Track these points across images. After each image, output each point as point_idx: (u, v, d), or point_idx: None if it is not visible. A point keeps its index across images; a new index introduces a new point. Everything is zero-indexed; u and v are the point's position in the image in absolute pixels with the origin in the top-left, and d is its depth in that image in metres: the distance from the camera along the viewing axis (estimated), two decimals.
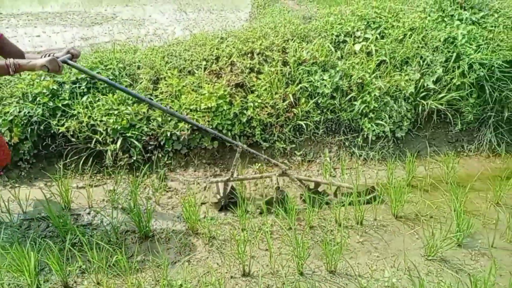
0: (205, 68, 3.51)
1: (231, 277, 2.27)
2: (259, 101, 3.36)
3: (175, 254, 2.43)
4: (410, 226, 2.67)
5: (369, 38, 3.59)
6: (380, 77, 3.46)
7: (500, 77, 3.48)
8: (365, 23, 3.71)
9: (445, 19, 3.73)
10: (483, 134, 3.59)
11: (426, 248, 2.41)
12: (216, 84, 3.35)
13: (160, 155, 3.23)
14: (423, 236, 2.51)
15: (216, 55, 3.61)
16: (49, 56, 2.18)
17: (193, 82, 3.38)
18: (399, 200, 2.71)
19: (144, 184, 3.09)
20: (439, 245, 2.37)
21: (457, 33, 3.51)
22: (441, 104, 3.46)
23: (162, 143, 3.23)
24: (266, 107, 3.37)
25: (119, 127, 3.12)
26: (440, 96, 3.47)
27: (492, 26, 3.65)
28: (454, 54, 3.47)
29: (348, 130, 3.56)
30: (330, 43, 3.62)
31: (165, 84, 3.36)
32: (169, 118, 3.19)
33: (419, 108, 3.51)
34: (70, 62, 2.26)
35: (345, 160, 3.43)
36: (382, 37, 3.65)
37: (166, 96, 3.31)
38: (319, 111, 3.48)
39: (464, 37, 3.51)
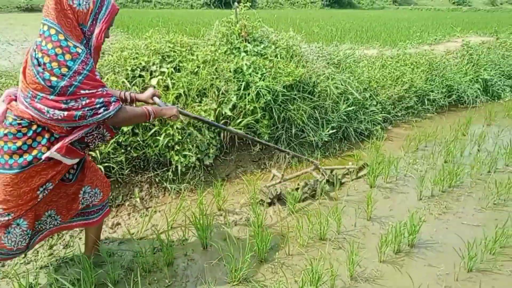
0: None
1: None
2: None
3: None
4: (218, 253, 2.73)
5: (165, 72, 3.63)
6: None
7: (283, 100, 4.02)
8: (160, 57, 3.74)
9: (234, 51, 4.11)
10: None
11: (230, 273, 2.49)
12: None
13: None
14: (228, 262, 2.58)
15: None
16: (126, 95, 2.23)
17: None
18: (207, 229, 2.75)
19: None
20: (240, 266, 2.47)
21: (242, 64, 3.90)
22: (240, 129, 3.75)
23: None
24: None
25: None
26: (238, 121, 3.76)
27: (271, 56, 4.21)
28: (244, 83, 3.84)
29: (157, 165, 3.48)
30: (126, 79, 3.50)
31: None
32: None
33: (222, 135, 3.72)
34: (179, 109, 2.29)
35: (158, 197, 3.32)
36: (178, 70, 3.74)
37: None
38: (122, 150, 3.29)
39: (250, 67, 3.93)
